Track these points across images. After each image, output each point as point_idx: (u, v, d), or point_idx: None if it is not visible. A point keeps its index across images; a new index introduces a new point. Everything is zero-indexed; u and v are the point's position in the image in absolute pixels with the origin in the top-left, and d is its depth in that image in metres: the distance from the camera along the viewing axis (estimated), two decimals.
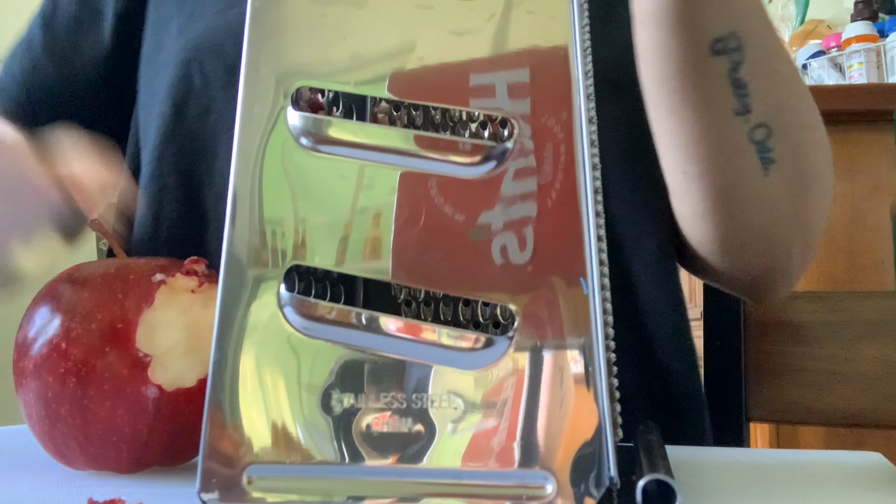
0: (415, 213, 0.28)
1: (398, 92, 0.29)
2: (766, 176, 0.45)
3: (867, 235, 1.34)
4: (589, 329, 0.26)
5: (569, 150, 0.28)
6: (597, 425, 0.25)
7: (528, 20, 0.29)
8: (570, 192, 0.27)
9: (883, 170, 1.35)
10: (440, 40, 0.30)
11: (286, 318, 0.28)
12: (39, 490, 0.32)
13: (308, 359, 0.27)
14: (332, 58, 0.30)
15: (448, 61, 0.30)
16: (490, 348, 0.27)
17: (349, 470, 0.26)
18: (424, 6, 0.30)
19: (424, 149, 0.29)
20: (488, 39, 0.29)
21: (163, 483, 0.33)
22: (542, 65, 0.29)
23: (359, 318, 0.28)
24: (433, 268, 0.28)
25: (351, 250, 0.28)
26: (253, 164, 0.29)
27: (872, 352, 0.66)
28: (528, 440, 0.25)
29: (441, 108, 0.30)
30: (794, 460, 0.40)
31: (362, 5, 0.30)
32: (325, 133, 0.29)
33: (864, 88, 1.42)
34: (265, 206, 0.29)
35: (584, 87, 0.28)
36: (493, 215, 0.28)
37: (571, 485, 0.25)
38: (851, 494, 0.32)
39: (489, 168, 0.28)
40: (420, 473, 0.26)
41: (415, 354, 0.27)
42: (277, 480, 0.26)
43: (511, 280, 0.27)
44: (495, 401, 0.26)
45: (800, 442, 1.30)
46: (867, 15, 1.61)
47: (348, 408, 0.27)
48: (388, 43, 0.30)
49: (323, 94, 0.31)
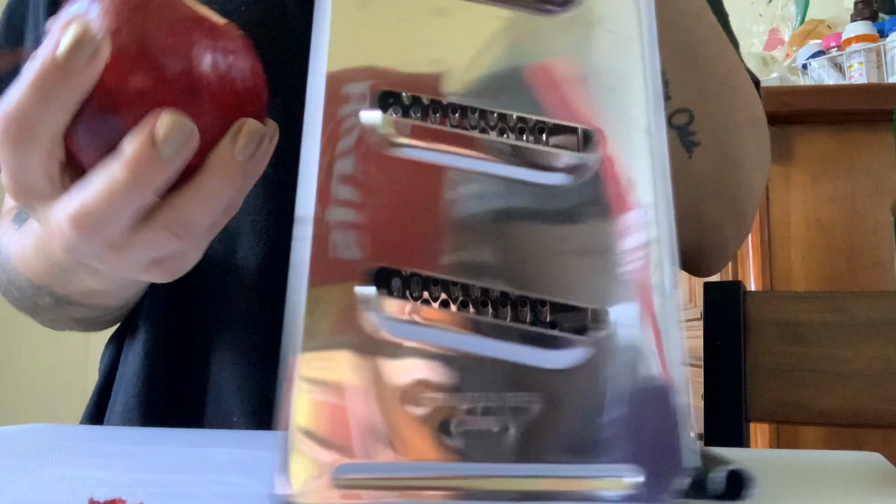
0: (496, 217, 0.29)
1: (476, 99, 0.30)
2: (690, 159, 0.47)
3: (867, 235, 1.34)
4: (673, 329, 0.27)
5: (649, 163, 0.29)
6: (681, 420, 0.26)
7: (606, 39, 0.30)
8: (654, 201, 0.28)
9: (883, 170, 1.35)
10: (519, 51, 0.30)
11: (370, 319, 0.28)
12: (40, 490, 0.32)
13: (393, 359, 0.27)
14: (412, 62, 0.30)
15: (526, 72, 0.30)
16: (574, 348, 0.28)
17: (437, 468, 0.27)
18: (503, 18, 0.30)
19: (508, 155, 0.29)
20: (568, 55, 0.30)
21: (163, 483, 0.33)
22: (619, 82, 0.30)
23: (444, 318, 0.28)
24: (517, 270, 0.28)
25: (432, 251, 0.29)
26: (333, 167, 0.29)
27: (872, 352, 0.66)
28: (614, 435, 0.26)
29: (519, 117, 0.30)
30: (793, 460, 0.40)
31: (443, 13, 0.30)
32: (404, 135, 0.30)
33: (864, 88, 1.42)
34: (347, 208, 0.29)
35: (656, 101, 0.30)
36: (580, 223, 0.29)
37: (658, 475, 0.26)
38: (851, 495, 0.32)
39: (576, 177, 0.29)
40: (509, 470, 0.27)
41: (501, 354, 0.28)
42: (364, 480, 0.27)
43: (597, 283, 0.28)
44: (583, 399, 0.27)
45: (800, 442, 1.30)
46: (867, 15, 1.61)
47: (435, 407, 0.27)
48: (468, 52, 0.30)
49: (401, 98, 0.31)
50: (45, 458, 0.35)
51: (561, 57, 0.30)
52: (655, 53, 0.30)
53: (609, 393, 0.27)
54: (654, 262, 0.28)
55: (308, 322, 0.28)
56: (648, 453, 0.26)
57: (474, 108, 0.30)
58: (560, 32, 0.30)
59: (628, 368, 0.27)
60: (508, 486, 0.26)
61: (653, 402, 0.27)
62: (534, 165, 0.29)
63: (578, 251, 0.28)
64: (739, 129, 0.51)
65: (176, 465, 0.36)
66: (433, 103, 0.30)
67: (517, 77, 0.30)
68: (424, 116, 0.30)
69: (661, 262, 0.28)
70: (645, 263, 0.28)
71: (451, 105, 0.30)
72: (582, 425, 0.27)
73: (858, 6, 1.62)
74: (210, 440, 0.45)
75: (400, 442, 0.27)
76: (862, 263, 1.34)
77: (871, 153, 1.34)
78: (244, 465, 0.38)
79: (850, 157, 1.34)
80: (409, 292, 0.29)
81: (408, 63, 0.30)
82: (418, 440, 0.27)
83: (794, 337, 0.68)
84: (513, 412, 0.27)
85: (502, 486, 0.26)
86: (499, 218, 0.29)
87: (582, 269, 0.28)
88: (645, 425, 0.27)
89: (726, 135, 0.50)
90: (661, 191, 0.29)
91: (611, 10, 0.30)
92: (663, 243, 0.28)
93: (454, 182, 0.29)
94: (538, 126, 0.30)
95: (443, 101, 0.30)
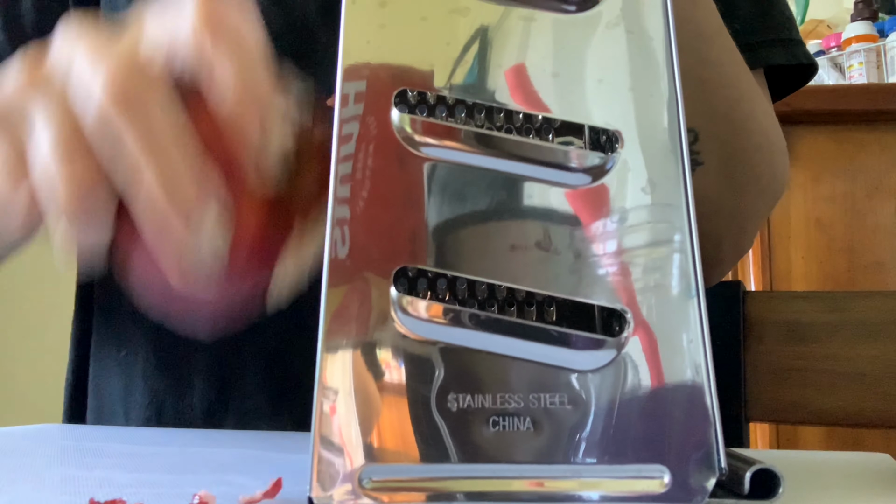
0: (518, 218, 0.29)
1: (499, 99, 0.30)
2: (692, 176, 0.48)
3: (867, 235, 1.34)
4: (697, 329, 0.27)
5: (670, 164, 0.29)
6: (707, 420, 0.26)
7: (626, 39, 0.30)
8: (675, 203, 0.29)
9: (883, 170, 1.35)
10: (539, 51, 0.30)
11: (397, 320, 0.28)
12: (41, 490, 0.32)
13: (422, 360, 0.27)
14: (435, 61, 0.30)
15: (549, 73, 0.30)
16: (603, 349, 0.28)
17: (466, 469, 0.27)
18: (526, 18, 0.31)
19: (532, 155, 0.29)
20: (590, 55, 0.30)
21: (164, 483, 0.33)
22: (639, 82, 0.30)
23: (472, 319, 0.28)
24: (542, 271, 0.28)
25: (459, 251, 0.29)
26: (355, 166, 0.29)
27: (872, 352, 0.66)
28: (643, 436, 0.27)
29: (544, 117, 0.31)
30: (797, 461, 0.40)
31: (465, 13, 0.30)
32: (424, 134, 0.30)
33: (864, 88, 1.42)
34: (370, 208, 0.29)
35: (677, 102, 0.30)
36: (602, 223, 0.29)
37: (686, 476, 0.26)
38: (858, 496, 0.32)
39: (596, 178, 0.29)
40: (537, 471, 0.27)
41: (530, 355, 0.28)
42: (393, 482, 0.26)
43: (622, 284, 0.28)
44: (610, 399, 0.27)
45: (800, 442, 1.30)
46: (867, 15, 1.61)
47: (464, 408, 0.27)
48: (491, 51, 0.30)
49: (426, 98, 0.31)
50: (47, 459, 0.35)
51: (581, 57, 0.30)
52: (675, 54, 0.30)
53: (636, 393, 0.27)
54: (678, 263, 0.28)
55: (329, 323, 0.28)
56: (676, 454, 0.26)
57: (497, 107, 0.30)
58: (580, 32, 0.31)
59: (654, 369, 0.27)
60: (536, 487, 0.27)
61: (680, 402, 0.27)
62: (555, 165, 0.29)
63: (602, 252, 0.28)
64: (747, 154, 0.52)
65: (177, 466, 0.36)
66: (455, 102, 0.30)
67: (538, 77, 0.30)
68: (446, 116, 0.31)
69: (684, 262, 0.28)
70: (668, 264, 0.28)
71: (473, 104, 0.30)
72: (609, 426, 0.27)
73: (858, 6, 1.62)
74: (211, 440, 0.45)
75: (427, 444, 0.27)
76: (862, 263, 1.34)
77: (871, 153, 1.34)
78: (245, 465, 0.38)
79: (850, 157, 1.34)
80: (431, 292, 0.30)
81: (428, 62, 0.30)
82: (446, 442, 0.27)
83: (794, 337, 0.68)
84: (541, 413, 0.27)
85: (530, 487, 0.27)
86: (521, 218, 0.29)
87: (606, 270, 0.28)
88: (672, 426, 0.27)
89: (733, 158, 0.50)
90: (682, 191, 0.29)
91: (630, 11, 0.30)
92: (685, 244, 0.28)
93: (475, 181, 0.29)
94: (560, 126, 0.31)
95: (465, 101, 0.30)
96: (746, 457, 0.29)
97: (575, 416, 0.27)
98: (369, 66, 0.30)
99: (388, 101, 0.30)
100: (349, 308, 0.28)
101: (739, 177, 0.52)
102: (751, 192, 0.54)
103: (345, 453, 0.26)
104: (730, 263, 0.59)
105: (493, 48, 0.30)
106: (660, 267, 0.28)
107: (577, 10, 0.31)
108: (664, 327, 0.27)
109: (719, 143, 0.49)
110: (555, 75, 0.30)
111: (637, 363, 0.27)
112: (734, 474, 0.28)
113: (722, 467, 0.26)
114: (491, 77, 0.30)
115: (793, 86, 0.63)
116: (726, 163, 0.50)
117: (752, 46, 0.58)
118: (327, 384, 0.27)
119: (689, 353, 0.27)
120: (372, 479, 0.26)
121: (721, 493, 0.28)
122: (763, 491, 0.28)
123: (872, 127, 1.33)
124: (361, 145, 0.29)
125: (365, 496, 0.26)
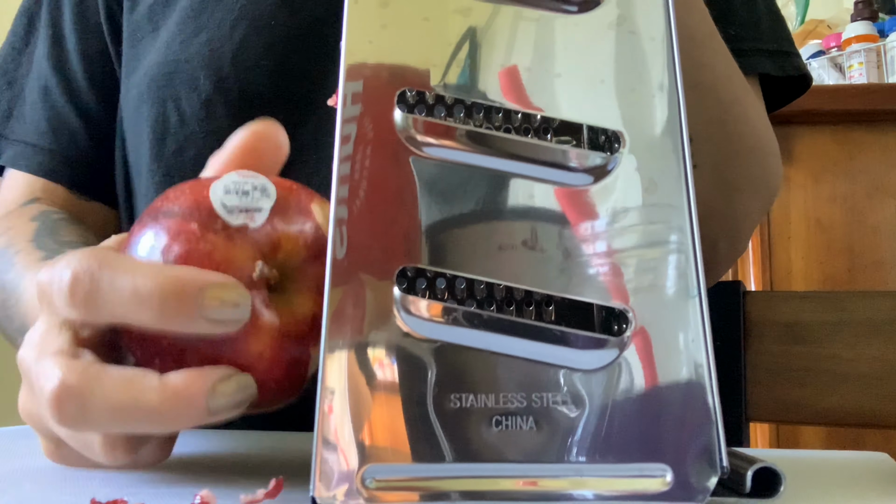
0: (519, 217, 0.29)
1: (503, 99, 0.30)
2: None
3: (867, 235, 1.35)
4: (699, 329, 0.27)
5: (671, 164, 0.29)
6: (709, 419, 0.27)
7: (629, 40, 0.30)
8: (677, 203, 0.29)
9: (883, 170, 1.35)
10: (541, 51, 0.30)
11: (399, 319, 0.28)
12: (41, 491, 0.32)
13: (423, 359, 0.27)
14: (437, 61, 0.30)
15: (550, 74, 0.30)
16: (605, 349, 0.28)
17: (469, 469, 0.27)
18: (528, 18, 0.31)
19: (533, 155, 0.30)
20: (592, 55, 0.30)
21: (164, 483, 0.33)
22: (641, 83, 0.30)
23: (473, 318, 0.28)
24: (543, 271, 0.28)
25: (460, 251, 0.29)
26: (356, 166, 0.29)
27: (872, 352, 0.66)
28: (645, 435, 0.27)
29: (543, 117, 0.31)
30: (798, 460, 0.40)
31: (466, 13, 0.30)
32: (425, 134, 0.30)
33: (864, 88, 1.42)
34: (371, 208, 0.29)
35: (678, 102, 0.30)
36: (600, 223, 0.29)
37: (688, 475, 0.26)
38: (858, 496, 0.32)
39: (598, 178, 0.29)
40: (538, 470, 0.27)
41: (534, 355, 0.28)
42: (395, 481, 0.26)
43: (625, 284, 0.28)
44: (612, 399, 0.27)
45: (800, 442, 1.30)
46: (867, 15, 1.61)
47: (467, 407, 0.27)
48: (493, 51, 0.30)
49: (427, 98, 0.31)
50: (47, 459, 0.35)
51: (583, 57, 0.30)
52: (676, 55, 0.30)
53: (638, 392, 0.27)
54: (679, 263, 0.28)
55: (331, 323, 0.28)
56: (678, 452, 0.26)
57: (498, 107, 0.30)
58: (582, 33, 0.31)
59: (656, 368, 0.27)
60: (538, 486, 0.27)
61: (682, 401, 0.27)
62: (557, 165, 0.29)
63: (603, 251, 0.28)
64: (740, 156, 0.52)
65: (178, 466, 0.36)
66: (456, 102, 0.30)
67: (539, 77, 0.30)
68: (447, 116, 0.31)
69: (686, 262, 0.28)
70: (670, 264, 0.28)
71: (474, 104, 0.30)
72: (612, 425, 0.27)
73: (858, 6, 1.62)
74: (212, 440, 0.45)
75: (430, 443, 0.27)
76: (862, 263, 1.34)
77: (871, 153, 1.34)
78: (246, 465, 0.38)
79: (850, 157, 1.34)
80: (432, 291, 0.30)
81: (430, 62, 0.30)
82: (448, 441, 0.27)
83: (794, 337, 0.68)
84: (543, 413, 0.27)
85: (533, 486, 0.27)
86: (522, 217, 0.29)
87: (607, 270, 0.28)
88: (674, 425, 0.27)
89: (726, 160, 0.51)
90: (683, 191, 0.29)
91: (632, 12, 0.31)
92: (687, 243, 0.28)
93: (477, 181, 0.29)
94: (561, 126, 0.31)
95: (465, 101, 0.30)
96: (748, 455, 0.29)
97: (577, 416, 0.27)
98: (372, 66, 0.30)
99: (391, 101, 0.30)
100: (351, 308, 0.28)
101: (733, 179, 0.53)
102: (745, 193, 0.55)
103: (347, 453, 0.26)
104: (726, 264, 0.60)
105: (495, 49, 0.30)
106: (662, 267, 0.28)
107: (579, 10, 0.31)
108: (666, 327, 0.28)
109: (713, 146, 0.49)
110: (557, 76, 0.30)
111: (639, 363, 0.27)
112: (736, 473, 0.28)
113: (724, 466, 0.26)
114: (494, 77, 0.30)
115: (789, 96, 0.64)
116: (720, 165, 0.51)
117: (745, 53, 0.58)
118: (329, 384, 0.27)
119: (690, 353, 0.27)
120: (375, 478, 0.26)
121: (722, 491, 0.28)
122: (764, 489, 0.28)
123: (872, 127, 1.33)
124: (364, 145, 0.29)
125: (368, 496, 0.26)
